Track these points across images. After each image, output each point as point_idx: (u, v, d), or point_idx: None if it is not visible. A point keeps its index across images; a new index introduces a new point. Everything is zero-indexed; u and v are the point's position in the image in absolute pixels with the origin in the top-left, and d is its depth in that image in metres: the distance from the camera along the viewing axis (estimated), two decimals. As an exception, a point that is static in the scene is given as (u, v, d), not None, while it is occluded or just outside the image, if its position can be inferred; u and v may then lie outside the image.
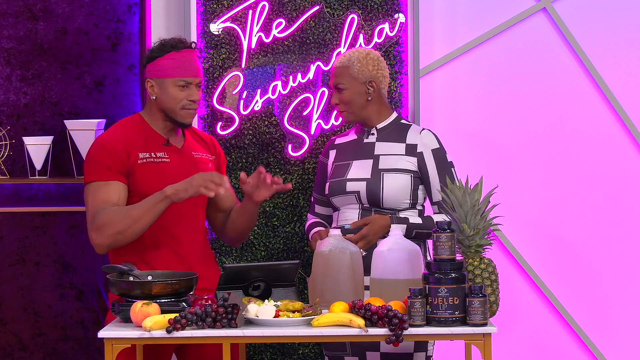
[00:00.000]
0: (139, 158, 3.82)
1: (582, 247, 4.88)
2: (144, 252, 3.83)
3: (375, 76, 4.13)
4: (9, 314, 4.89)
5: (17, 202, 4.86)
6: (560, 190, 4.86)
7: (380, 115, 4.16)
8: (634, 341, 4.89)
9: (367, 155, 4.12)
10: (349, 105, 4.13)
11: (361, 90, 4.12)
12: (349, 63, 4.13)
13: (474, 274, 3.44)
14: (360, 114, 4.14)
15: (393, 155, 4.08)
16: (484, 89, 4.84)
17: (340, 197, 4.10)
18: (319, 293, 3.64)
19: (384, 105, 4.18)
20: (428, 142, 4.10)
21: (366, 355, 4.05)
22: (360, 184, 4.06)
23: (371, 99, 4.13)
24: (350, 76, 4.12)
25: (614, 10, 4.83)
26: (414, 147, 4.09)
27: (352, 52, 4.17)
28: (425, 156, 4.08)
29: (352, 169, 4.11)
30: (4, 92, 4.84)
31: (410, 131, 4.13)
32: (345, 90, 4.12)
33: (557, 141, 4.85)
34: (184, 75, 3.85)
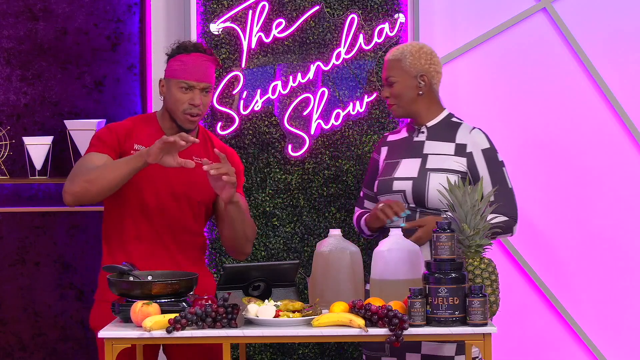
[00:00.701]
0: (133, 148, 3.84)
1: (582, 247, 4.88)
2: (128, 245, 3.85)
3: (427, 70, 4.04)
4: (9, 314, 4.89)
5: (17, 202, 4.86)
6: (560, 190, 4.86)
7: (430, 111, 4.07)
8: (634, 341, 4.90)
9: (416, 154, 4.04)
10: (398, 98, 4.04)
11: (412, 84, 4.03)
12: (402, 56, 4.04)
13: (474, 274, 3.44)
14: (410, 109, 4.06)
15: (442, 155, 4.00)
16: (483, 89, 4.85)
17: (387, 196, 4.03)
18: (319, 293, 3.64)
19: (434, 102, 4.08)
20: (478, 142, 4.02)
21: (406, 356, 3.99)
22: (406, 183, 3.98)
23: (422, 93, 4.03)
24: (401, 69, 4.03)
25: (614, 10, 4.83)
26: (463, 147, 4.01)
27: (405, 45, 4.09)
28: (475, 156, 4.00)
29: (400, 168, 4.03)
30: (4, 92, 4.84)
31: (460, 130, 4.05)
32: (396, 83, 4.03)
33: (556, 141, 4.85)
34: (186, 77, 3.85)
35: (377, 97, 4.67)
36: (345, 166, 4.68)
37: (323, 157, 4.68)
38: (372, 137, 4.67)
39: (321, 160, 4.68)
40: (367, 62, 4.67)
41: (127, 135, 3.87)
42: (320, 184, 4.67)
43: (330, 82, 4.67)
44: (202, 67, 3.86)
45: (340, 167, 4.68)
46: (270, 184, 4.65)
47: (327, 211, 4.67)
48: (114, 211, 3.90)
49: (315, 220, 4.67)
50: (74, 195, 3.75)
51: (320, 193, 4.67)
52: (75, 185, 3.73)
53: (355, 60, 4.67)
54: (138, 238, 3.85)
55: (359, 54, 4.67)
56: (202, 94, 3.87)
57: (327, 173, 4.68)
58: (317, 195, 4.67)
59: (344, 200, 4.67)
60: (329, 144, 4.68)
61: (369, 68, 4.66)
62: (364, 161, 4.67)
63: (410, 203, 3.98)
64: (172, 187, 3.87)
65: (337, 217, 4.67)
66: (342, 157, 4.68)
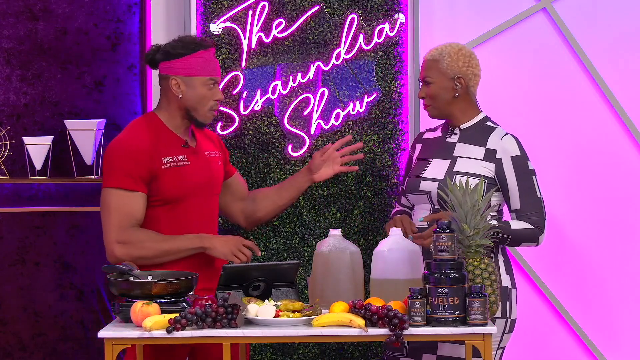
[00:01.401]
0: (162, 163, 3.81)
1: (583, 247, 4.88)
2: None
3: (464, 73, 4.02)
4: (9, 314, 4.89)
5: (17, 202, 4.86)
6: (560, 190, 4.86)
7: (465, 114, 4.06)
8: (634, 341, 4.89)
9: (446, 155, 4.04)
10: (434, 99, 4.04)
11: (448, 86, 4.02)
12: (440, 57, 4.04)
13: (474, 274, 3.44)
14: (445, 110, 4.05)
15: (471, 159, 3.99)
16: (483, 89, 4.84)
17: (414, 195, 4.04)
18: (319, 293, 3.64)
19: (471, 104, 4.08)
20: (509, 149, 3.99)
21: (422, 357, 3.98)
22: (432, 184, 3.98)
23: (458, 95, 4.02)
24: (438, 70, 4.03)
25: (614, 10, 4.83)
26: (493, 152, 3.99)
27: (445, 46, 4.08)
28: (504, 163, 3.97)
29: (429, 168, 4.04)
30: (4, 92, 4.84)
31: (493, 135, 4.02)
32: (432, 84, 4.03)
33: (557, 141, 4.85)
34: (213, 74, 3.88)
35: (377, 97, 4.67)
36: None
37: (323, 157, 4.68)
38: (372, 137, 4.67)
39: (321, 160, 4.68)
40: (367, 62, 4.66)
41: (151, 156, 3.79)
42: (320, 184, 4.67)
43: (330, 82, 4.67)
44: (217, 61, 3.93)
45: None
46: (270, 184, 4.65)
47: (327, 211, 4.67)
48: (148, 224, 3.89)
49: (315, 220, 4.67)
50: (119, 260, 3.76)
51: (320, 193, 4.67)
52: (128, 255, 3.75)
53: (355, 60, 4.67)
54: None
55: (359, 54, 4.67)
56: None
57: (327, 173, 4.68)
58: (317, 195, 4.67)
59: (344, 200, 4.67)
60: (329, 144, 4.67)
61: (369, 68, 4.66)
62: (364, 161, 4.66)
63: (435, 204, 3.98)
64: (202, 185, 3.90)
65: (337, 217, 4.67)
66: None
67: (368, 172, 4.67)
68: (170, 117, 3.90)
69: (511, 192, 3.97)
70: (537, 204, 3.95)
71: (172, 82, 3.86)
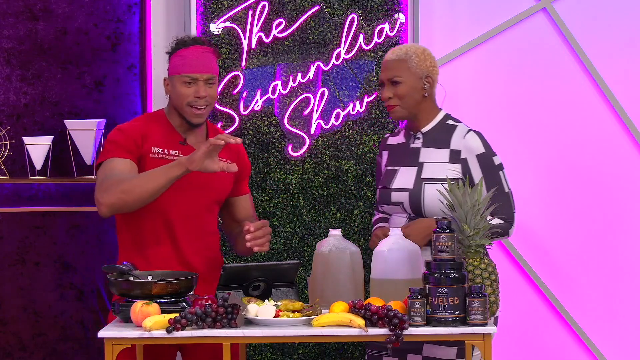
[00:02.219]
0: (151, 151, 3.80)
1: (582, 247, 4.88)
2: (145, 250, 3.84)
3: (431, 72, 3.99)
4: (9, 314, 4.89)
5: (17, 202, 4.86)
6: (560, 190, 4.86)
7: (429, 114, 4.01)
8: (634, 341, 4.90)
9: (412, 163, 3.98)
10: (403, 100, 3.96)
11: (418, 86, 3.96)
12: (406, 56, 3.97)
13: (474, 274, 3.44)
14: (413, 111, 3.99)
15: (436, 163, 3.94)
16: (483, 89, 4.85)
17: (388, 206, 4.01)
18: (319, 293, 3.64)
19: (433, 104, 4.04)
20: (472, 147, 3.94)
21: (407, 357, 3.95)
22: (403, 195, 3.94)
23: (427, 95, 3.98)
24: (407, 70, 3.96)
25: (614, 10, 4.83)
26: (457, 153, 3.94)
27: (408, 46, 4.02)
28: (470, 162, 3.93)
29: (397, 178, 3.98)
30: (4, 92, 4.84)
31: (455, 134, 3.97)
32: (402, 83, 3.96)
33: (556, 141, 4.86)
34: (188, 71, 3.82)
35: (377, 97, 4.67)
36: (345, 166, 4.68)
37: (323, 157, 4.68)
38: (372, 137, 4.67)
39: (321, 160, 4.68)
40: (367, 62, 4.67)
41: (142, 138, 3.81)
42: (320, 184, 4.67)
43: (330, 82, 4.67)
44: (203, 58, 3.84)
45: (340, 167, 4.68)
46: (270, 184, 4.65)
47: (327, 211, 4.67)
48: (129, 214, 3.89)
49: (315, 220, 4.67)
50: (111, 207, 3.68)
51: (320, 193, 4.67)
52: (112, 196, 3.66)
53: (355, 60, 4.67)
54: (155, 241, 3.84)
55: (359, 54, 4.67)
56: (207, 85, 3.84)
57: (327, 173, 4.68)
58: (317, 195, 4.67)
59: (344, 200, 4.67)
60: (329, 144, 4.68)
61: (369, 68, 4.66)
62: (364, 161, 4.67)
63: (410, 213, 3.96)
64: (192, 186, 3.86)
65: (337, 217, 4.67)
66: (342, 157, 4.68)
67: (368, 172, 4.67)
68: (171, 115, 3.91)
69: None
70: (506, 198, 3.91)
71: (164, 82, 3.90)
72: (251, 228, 3.71)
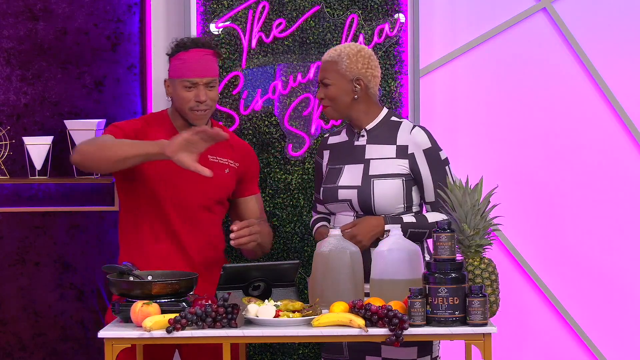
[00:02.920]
0: None
1: (582, 247, 4.88)
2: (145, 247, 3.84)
3: (363, 75, 3.93)
4: (9, 314, 4.89)
5: (17, 202, 4.86)
6: (560, 190, 4.86)
7: (368, 115, 3.97)
8: (634, 341, 4.89)
9: (357, 160, 3.95)
10: (333, 101, 3.94)
11: (347, 88, 3.92)
12: (338, 58, 3.93)
13: (474, 274, 3.44)
14: (345, 113, 3.96)
15: (384, 160, 3.92)
16: (483, 89, 4.84)
17: (334, 205, 3.98)
18: (319, 293, 3.64)
19: (372, 104, 3.98)
20: (419, 142, 3.91)
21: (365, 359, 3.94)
22: (351, 192, 3.91)
23: (357, 97, 3.93)
24: (337, 72, 3.93)
25: (614, 10, 4.83)
26: (404, 148, 3.92)
27: (344, 46, 3.97)
28: (417, 157, 3.91)
29: (343, 175, 3.96)
30: (4, 92, 4.84)
31: (401, 130, 3.95)
32: (331, 86, 3.93)
33: (557, 141, 4.85)
34: (187, 75, 3.83)
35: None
36: (345, 166, 4.67)
37: (323, 157, 4.68)
38: (372, 137, 4.67)
39: (321, 160, 4.68)
40: (367, 62, 4.66)
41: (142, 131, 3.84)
42: (320, 184, 4.67)
43: (330, 82, 4.66)
44: (203, 61, 3.84)
45: (340, 167, 4.68)
46: (270, 184, 4.65)
47: (327, 211, 4.67)
48: (129, 213, 3.89)
49: (315, 220, 4.66)
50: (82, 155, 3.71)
51: (320, 193, 4.67)
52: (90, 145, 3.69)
53: (355, 60, 4.66)
54: (155, 240, 3.84)
55: (359, 54, 4.66)
56: (207, 88, 3.85)
57: (327, 173, 4.67)
58: (317, 195, 4.67)
59: (344, 200, 4.67)
60: (329, 144, 4.68)
61: (369, 68, 4.66)
62: (364, 161, 4.66)
63: (358, 211, 3.92)
64: (188, 186, 3.86)
65: (337, 217, 4.67)
66: (342, 157, 4.68)
67: (368, 172, 4.67)
68: (173, 116, 3.94)
69: (425, 185, 3.91)
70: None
71: (165, 84, 3.91)
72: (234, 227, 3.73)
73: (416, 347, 3.86)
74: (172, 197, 3.85)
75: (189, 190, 3.86)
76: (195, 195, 3.88)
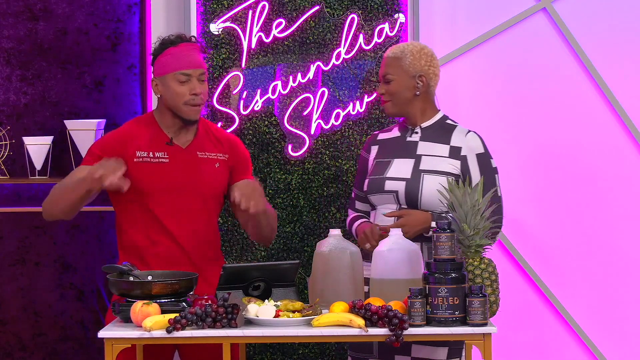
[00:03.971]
0: (135, 156, 3.81)
1: (582, 247, 4.88)
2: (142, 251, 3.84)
3: (425, 72, 3.98)
4: (9, 314, 4.89)
5: (17, 202, 4.86)
6: (560, 190, 4.86)
7: (424, 113, 4.01)
8: (634, 341, 4.90)
9: (409, 155, 3.97)
10: (394, 97, 3.97)
11: (409, 84, 3.97)
12: (402, 55, 3.98)
13: (474, 274, 3.44)
14: (404, 108, 3.99)
15: (436, 157, 3.94)
16: (483, 88, 4.85)
17: (379, 196, 3.97)
18: (319, 293, 3.64)
19: (430, 104, 4.02)
20: (473, 146, 3.95)
21: (395, 359, 3.93)
22: (399, 184, 3.92)
23: (418, 94, 3.98)
24: (400, 68, 3.97)
25: (614, 10, 4.84)
26: (458, 149, 3.94)
27: (407, 44, 4.03)
28: (469, 161, 3.93)
29: (392, 167, 3.97)
30: (4, 92, 4.85)
31: (456, 132, 3.98)
32: (393, 81, 3.97)
33: (557, 141, 4.86)
34: (182, 67, 3.82)
35: (377, 97, 4.67)
36: (345, 166, 4.68)
37: (323, 157, 4.68)
38: (372, 137, 4.67)
39: (321, 160, 4.68)
40: (367, 62, 4.67)
41: (124, 143, 3.83)
42: (320, 184, 4.67)
43: (330, 82, 4.67)
44: (193, 54, 3.85)
45: (340, 167, 4.68)
46: (270, 184, 4.65)
47: (327, 211, 4.67)
48: (125, 217, 3.89)
49: (315, 220, 4.67)
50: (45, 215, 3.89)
51: (320, 193, 4.67)
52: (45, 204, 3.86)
53: (355, 60, 4.67)
54: (153, 242, 3.84)
55: (359, 54, 4.67)
56: (199, 81, 3.85)
57: (327, 173, 4.68)
58: (317, 195, 4.67)
59: (344, 200, 4.67)
60: (329, 144, 4.68)
61: (369, 68, 4.67)
62: (364, 161, 4.67)
63: (402, 204, 3.92)
64: (181, 185, 3.86)
65: (337, 217, 4.67)
66: (342, 157, 4.68)
67: (368, 172, 4.67)
68: (161, 116, 3.90)
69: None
70: (497, 202, 3.90)
71: (152, 84, 3.88)
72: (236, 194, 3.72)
73: (447, 348, 3.85)
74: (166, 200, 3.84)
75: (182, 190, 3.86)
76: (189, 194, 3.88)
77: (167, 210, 3.82)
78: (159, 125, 3.89)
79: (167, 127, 3.88)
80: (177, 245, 3.85)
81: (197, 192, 3.88)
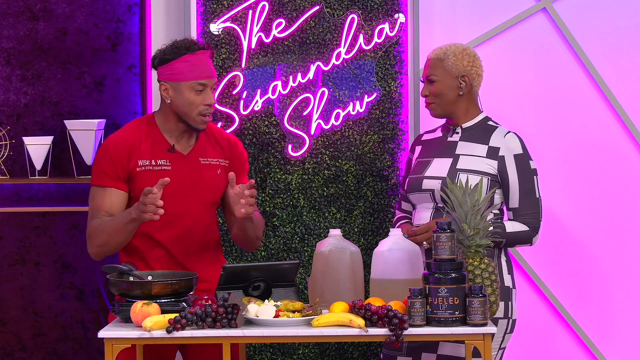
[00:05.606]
0: (138, 165, 3.80)
1: (582, 247, 4.88)
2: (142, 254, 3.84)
3: (468, 72, 4.03)
4: (9, 314, 4.89)
5: (17, 202, 4.86)
6: (560, 190, 4.86)
7: (467, 113, 4.06)
8: (634, 341, 4.89)
9: (448, 154, 4.03)
10: (438, 98, 4.03)
11: (453, 85, 4.02)
12: (444, 56, 4.04)
13: (474, 274, 3.44)
14: (448, 109, 4.04)
15: (473, 157, 3.98)
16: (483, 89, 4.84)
17: (417, 195, 4.03)
18: (319, 293, 3.64)
19: (473, 104, 4.07)
20: (511, 147, 3.99)
21: (422, 356, 3.97)
22: (435, 182, 3.97)
23: (462, 94, 4.03)
24: (443, 69, 4.03)
25: (614, 10, 4.83)
26: (496, 150, 3.98)
27: (449, 45, 4.09)
28: (507, 161, 3.97)
29: (431, 167, 4.02)
30: (4, 92, 4.85)
31: (495, 133, 4.02)
32: (437, 82, 4.03)
33: (557, 141, 4.86)
34: (200, 77, 3.78)
35: (377, 97, 4.67)
36: (345, 166, 4.68)
37: (323, 157, 4.68)
38: (372, 137, 4.67)
39: (321, 160, 4.68)
40: (367, 62, 4.67)
41: (129, 155, 3.80)
42: (320, 184, 4.67)
43: (330, 82, 4.67)
44: (209, 64, 3.83)
45: (340, 167, 4.68)
46: (270, 184, 4.65)
47: (327, 211, 4.68)
48: None
49: (315, 220, 4.67)
50: (96, 256, 3.83)
51: (320, 193, 4.67)
52: (92, 247, 3.80)
53: (355, 60, 4.67)
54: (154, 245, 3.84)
55: (359, 54, 4.67)
56: (212, 90, 3.84)
57: (327, 173, 4.68)
58: (317, 195, 4.67)
59: (344, 200, 4.67)
60: (329, 144, 4.68)
61: (369, 68, 4.67)
62: (364, 161, 4.67)
63: (438, 202, 3.97)
64: (183, 192, 3.85)
65: (337, 217, 4.67)
66: (342, 157, 4.68)
67: (368, 172, 4.67)
68: (164, 120, 3.86)
69: (511, 190, 3.97)
70: (535, 204, 3.95)
71: (161, 87, 3.83)
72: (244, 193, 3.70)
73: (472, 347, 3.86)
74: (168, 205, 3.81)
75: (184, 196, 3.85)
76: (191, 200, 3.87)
77: (168, 215, 3.81)
78: (160, 130, 3.86)
79: (169, 131, 3.85)
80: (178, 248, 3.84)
81: (199, 197, 3.87)
